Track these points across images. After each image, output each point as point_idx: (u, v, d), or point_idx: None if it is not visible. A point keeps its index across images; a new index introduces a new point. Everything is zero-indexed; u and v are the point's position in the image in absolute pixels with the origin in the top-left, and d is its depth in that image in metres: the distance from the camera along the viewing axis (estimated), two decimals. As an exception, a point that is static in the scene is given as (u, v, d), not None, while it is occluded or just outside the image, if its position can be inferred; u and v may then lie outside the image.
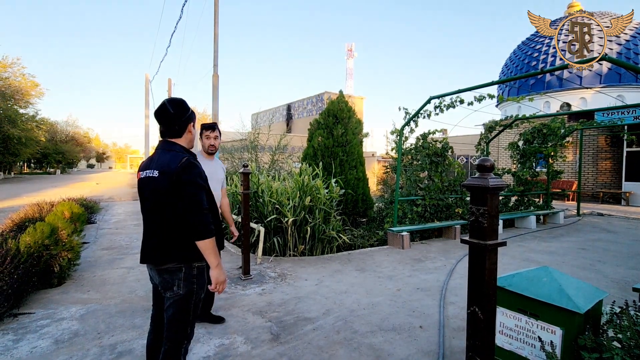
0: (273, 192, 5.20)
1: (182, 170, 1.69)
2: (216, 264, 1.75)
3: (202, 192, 1.72)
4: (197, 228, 1.67)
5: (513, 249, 5.85)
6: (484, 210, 1.39)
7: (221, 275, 1.78)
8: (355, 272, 4.45)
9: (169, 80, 16.62)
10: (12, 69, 25.26)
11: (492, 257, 1.41)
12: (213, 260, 1.74)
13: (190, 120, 1.87)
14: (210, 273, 1.76)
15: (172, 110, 1.79)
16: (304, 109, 21.84)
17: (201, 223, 1.68)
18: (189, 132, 1.87)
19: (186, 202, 1.68)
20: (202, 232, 1.68)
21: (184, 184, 1.68)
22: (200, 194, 1.71)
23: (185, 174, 1.68)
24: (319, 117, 7.99)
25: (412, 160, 6.73)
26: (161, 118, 1.81)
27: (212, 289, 1.77)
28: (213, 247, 1.73)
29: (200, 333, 2.86)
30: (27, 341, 2.74)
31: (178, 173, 1.68)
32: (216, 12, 8.02)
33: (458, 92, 4.98)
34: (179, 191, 1.68)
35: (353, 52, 74.91)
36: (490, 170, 1.42)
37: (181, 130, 1.84)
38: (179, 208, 1.69)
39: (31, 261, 3.71)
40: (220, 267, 1.78)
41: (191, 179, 1.69)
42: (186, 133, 1.86)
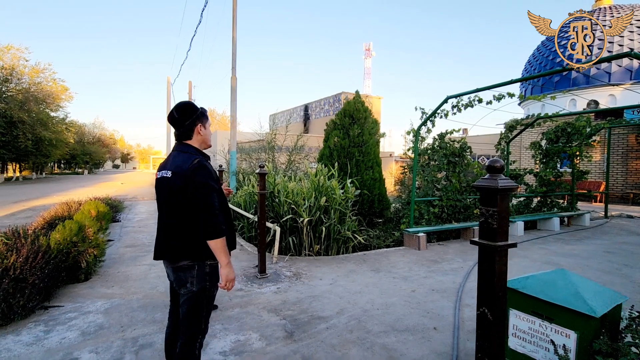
0: (289, 193, 5.27)
1: (193, 171, 1.75)
2: (226, 263, 1.81)
3: (212, 193, 1.78)
4: (208, 228, 1.74)
5: (534, 251, 5.69)
6: (493, 212, 1.39)
7: (231, 274, 1.84)
8: (370, 273, 4.46)
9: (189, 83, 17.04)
10: (44, 74, 26.53)
11: (502, 259, 1.41)
12: (223, 259, 1.80)
13: (198, 122, 1.92)
14: (220, 271, 1.82)
15: (176, 115, 1.87)
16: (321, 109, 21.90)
17: (212, 223, 1.74)
18: (198, 134, 1.93)
19: (197, 203, 1.75)
20: (212, 232, 1.74)
21: (196, 185, 1.75)
22: (211, 195, 1.77)
23: (196, 176, 1.75)
24: (335, 118, 8.01)
25: (429, 160, 6.65)
26: (171, 123, 1.90)
27: (221, 286, 1.84)
28: (223, 247, 1.79)
29: (217, 329, 2.95)
30: (57, 332, 2.90)
31: (190, 174, 1.75)
32: (234, 16, 8.18)
33: (476, 91, 4.90)
34: (191, 192, 1.75)
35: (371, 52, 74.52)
36: (500, 171, 1.41)
37: (189, 133, 1.91)
38: (190, 208, 1.76)
39: (60, 257, 3.93)
40: (230, 266, 1.84)
41: (202, 181, 1.75)
42: (195, 135, 1.92)
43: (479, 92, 4.96)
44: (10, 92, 24.32)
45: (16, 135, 23.42)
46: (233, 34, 8.19)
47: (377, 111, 21.56)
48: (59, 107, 28.49)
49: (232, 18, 8.17)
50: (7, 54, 24.16)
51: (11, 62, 24.29)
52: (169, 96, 17.57)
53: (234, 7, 8.20)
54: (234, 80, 8.33)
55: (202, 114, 1.98)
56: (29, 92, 24.77)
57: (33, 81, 25.59)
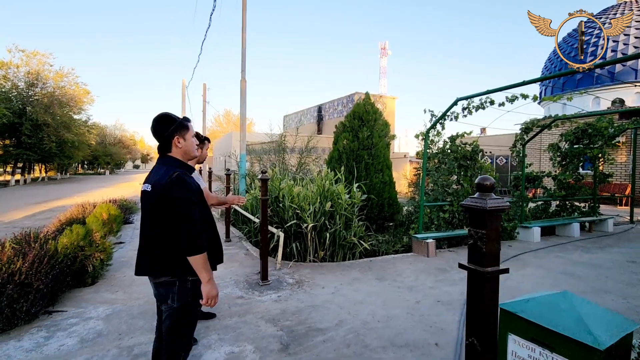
0: (294, 197, 5.21)
1: (171, 185, 1.71)
2: (207, 279, 1.76)
3: (192, 207, 1.73)
4: (187, 244, 1.69)
5: (550, 260, 5.43)
6: (482, 234, 1.28)
7: (212, 290, 1.78)
8: (375, 281, 4.34)
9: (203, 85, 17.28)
10: (68, 78, 27.49)
11: (491, 286, 1.29)
12: (204, 275, 1.75)
13: (175, 133, 1.86)
14: (202, 288, 1.77)
15: (154, 127, 1.83)
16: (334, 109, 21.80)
17: (191, 239, 1.69)
18: (176, 146, 1.88)
19: (176, 218, 1.70)
20: (192, 248, 1.69)
21: (174, 200, 1.70)
22: (190, 210, 1.71)
23: (174, 190, 1.70)
24: (345, 120, 7.91)
25: (439, 164, 6.46)
26: (152, 134, 1.86)
27: (203, 303, 1.79)
28: (204, 263, 1.74)
29: (212, 339, 2.91)
30: (57, 339, 2.93)
31: (167, 188, 1.70)
32: (244, 19, 8.19)
33: (487, 92, 4.71)
34: (170, 206, 1.70)
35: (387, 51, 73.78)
36: (490, 189, 1.30)
37: (167, 145, 1.86)
38: (170, 223, 1.72)
39: (66, 261, 3.99)
40: (212, 282, 1.79)
41: (180, 195, 1.70)
42: (174, 147, 1.88)
43: (490, 93, 4.77)
44: (36, 96, 25.32)
45: (41, 137, 24.35)
46: (243, 37, 8.21)
47: (391, 111, 21.28)
48: (82, 110, 29.48)
49: (242, 21, 8.19)
50: (33, 59, 25.15)
51: (37, 67, 25.29)
52: (184, 98, 17.88)
53: (244, 10, 8.21)
54: (243, 83, 8.34)
55: (181, 125, 1.91)
56: (54, 96, 25.71)
57: (57, 85, 26.56)
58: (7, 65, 24.46)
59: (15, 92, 24.71)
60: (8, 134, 24.36)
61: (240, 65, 8.28)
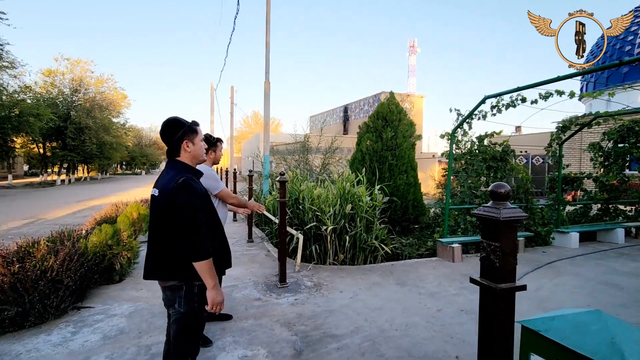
0: (314, 199, 5.17)
1: (177, 190, 1.70)
2: (212, 285, 1.75)
3: (197, 213, 1.72)
4: (192, 249, 1.68)
5: (589, 268, 5.04)
6: (495, 247, 1.17)
7: (218, 297, 1.77)
8: (395, 286, 4.21)
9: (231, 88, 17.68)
10: (107, 84, 29.13)
11: (505, 304, 1.18)
12: (210, 281, 1.74)
13: (184, 138, 1.86)
14: (207, 294, 1.76)
15: (162, 132, 1.83)
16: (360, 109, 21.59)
17: (196, 244, 1.68)
18: (185, 150, 1.88)
19: (182, 224, 1.69)
20: (197, 253, 1.69)
21: (180, 205, 1.69)
22: (196, 215, 1.70)
23: (180, 196, 1.70)
24: (368, 120, 7.78)
25: (466, 165, 6.18)
26: (161, 139, 1.87)
27: (209, 309, 1.77)
28: (209, 269, 1.73)
29: (227, 341, 2.92)
30: (82, 334, 3.06)
31: (174, 193, 1.70)
32: (267, 22, 8.26)
33: (517, 90, 4.43)
34: (176, 211, 1.70)
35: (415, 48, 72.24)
36: (505, 198, 1.18)
37: (176, 149, 1.86)
38: (176, 228, 1.72)
39: (95, 259, 4.18)
40: (217, 288, 1.77)
41: (185, 201, 1.70)
42: (182, 151, 1.87)
43: (521, 90, 4.49)
44: (79, 101, 27.01)
45: (83, 139, 25.93)
46: (266, 40, 8.28)
47: (418, 110, 20.78)
48: (119, 114, 31.12)
49: (265, 24, 8.26)
50: (77, 67, 26.85)
51: (80, 74, 26.97)
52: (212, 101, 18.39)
53: (267, 14, 8.28)
54: (267, 85, 8.42)
55: (190, 129, 1.91)
56: (94, 101, 27.33)
57: (98, 90, 28.20)
58: (54, 73, 26.28)
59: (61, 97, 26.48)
60: (55, 137, 26.15)
61: (264, 67, 8.36)
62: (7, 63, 16.79)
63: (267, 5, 8.28)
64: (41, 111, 19.70)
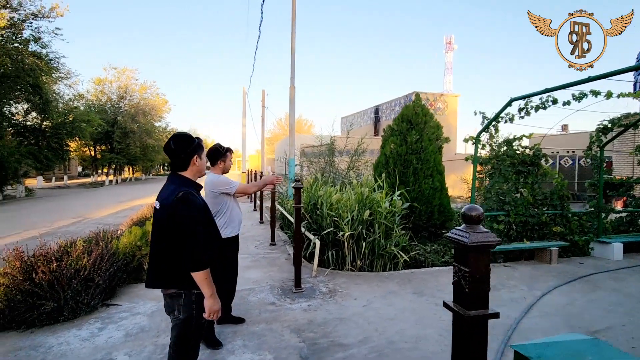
0: (333, 205, 5.18)
1: (177, 204, 1.80)
2: (210, 294, 1.82)
3: (197, 226, 1.80)
4: (190, 260, 1.77)
5: (631, 283, 4.62)
6: (465, 272, 1.13)
7: (215, 305, 1.84)
8: (412, 296, 4.12)
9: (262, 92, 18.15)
10: (150, 90, 30.99)
11: (475, 331, 1.13)
12: (207, 290, 1.82)
13: (194, 153, 1.97)
14: (204, 302, 1.84)
15: (173, 146, 1.92)
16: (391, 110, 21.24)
17: (194, 256, 1.76)
18: (194, 165, 1.98)
19: (181, 235, 1.78)
20: (194, 264, 1.77)
21: (180, 218, 1.79)
22: (194, 228, 1.79)
23: (179, 209, 1.79)
24: (392, 123, 7.66)
25: (493, 170, 5.89)
26: (167, 153, 1.96)
27: (206, 317, 1.85)
28: (206, 278, 1.80)
29: (237, 345, 3.02)
30: (108, 331, 3.29)
31: (174, 206, 1.80)
32: (293, 29, 8.39)
33: (545, 91, 4.17)
34: (176, 224, 1.80)
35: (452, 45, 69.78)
36: (477, 222, 1.14)
37: (185, 164, 1.96)
38: (175, 239, 1.81)
39: (125, 260, 4.47)
40: (215, 297, 1.84)
41: (185, 214, 1.79)
42: (191, 166, 1.97)
43: (550, 92, 4.22)
44: (125, 107, 28.95)
45: (128, 143, 27.77)
46: (292, 46, 8.41)
47: (453, 110, 20.06)
48: (161, 118, 32.95)
49: (291, 30, 8.39)
50: (123, 75, 28.81)
51: (126, 81, 28.91)
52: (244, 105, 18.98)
53: (293, 20, 8.41)
54: (292, 89, 8.55)
55: (199, 146, 2.02)
56: (138, 106, 29.16)
57: (141, 96, 30.08)
58: (103, 82, 28.39)
59: (109, 104, 28.55)
60: (104, 141, 28.24)
61: (290, 72, 8.50)
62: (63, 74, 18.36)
63: (292, 12, 8.41)
64: (91, 117, 21.36)
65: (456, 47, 70.25)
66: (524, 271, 5.09)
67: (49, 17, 15.61)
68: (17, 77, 14.80)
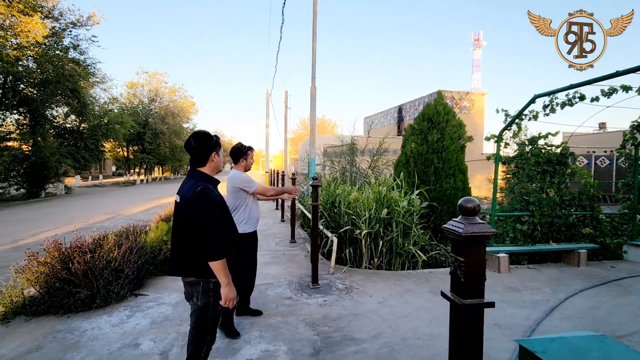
0: (350, 203, 5.23)
1: (195, 198, 1.92)
2: (226, 283, 1.94)
3: (213, 220, 1.92)
4: (208, 251, 1.89)
5: (667, 288, 4.37)
6: (460, 262, 1.16)
7: (230, 293, 1.95)
8: (428, 295, 4.10)
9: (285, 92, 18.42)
10: (179, 92, 32.15)
11: (471, 320, 1.17)
12: (223, 279, 1.93)
13: (213, 150, 2.09)
14: (221, 291, 1.95)
15: (193, 143, 2.05)
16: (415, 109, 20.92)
17: (211, 247, 1.88)
18: (212, 161, 2.11)
19: (199, 228, 1.91)
20: (211, 254, 1.89)
21: (198, 212, 1.91)
22: (211, 221, 1.90)
23: (198, 203, 1.91)
24: (413, 122, 7.59)
25: (517, 169, 5.72)
26: (187, 149, 2.10)
27: (222, 304, 1.96)
28: (223, 268, 1.92)
29: (253, 335, 3.14)
30: (135, 318, 3.51)
31: (192, 200, 1.92)
32: (314, 30, 8.49)
33: (570, 87, 4.03)
34: (194, 217, 1.92)
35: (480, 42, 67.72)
36: (472, 213, 1.17)
37: (204, 160, 2.09)
38: (194, 231, 1.93)
39: (152, 253, 4.72)
40: (230, 285, 1.95)
41: (203, 208, 1.90)
42: (209, 162, 2.10)
43: (576, 87, 4.07)
44: (155, 109, 30.19)
45: (158, 143, 28.94)
46: (313, 47, 8.52)
47: (479, 109, 19.51)
48: (189, 119, 34.09)
49: (312, 31, 8.50)
50: (154, 79, 30.05)
51: (156, 85, 30.14)
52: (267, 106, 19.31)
53: (314, 19, 8.51)
54: (313, 89, 8.65)
55: (217, 143, 2.15)
56: (168, 109, 30.33)
57: (170, 99, 31.26)
58: (135, 85, 29.73)
59: (141, 106, 29.85)
60: (135, 142, 29.56)
61: (311, 72, 8.61)
62: (99, 79, 19.46)
63: (313, 14, 8.52)
64: (124, 119, 22.46)
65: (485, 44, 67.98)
66: (548, 273, 4.92)
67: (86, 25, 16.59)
68: (58, 83, 15.83)
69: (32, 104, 16.11)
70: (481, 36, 67.65)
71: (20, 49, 13.35)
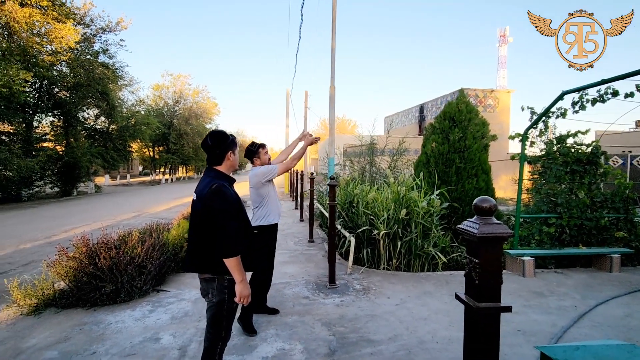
0: (369, 203, 5.18)
1: (211, 196, 1.95)
2: (240, 280, 1.96)
3: (228, 218, 1.94)
4: (223, 248, 1.91)
5: None
6: (475, 264, 1.12)
7: (245, 290, 1.97)
8: (447, 297, 3.99)
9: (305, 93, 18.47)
10: (202, 94, 32.93)
11: (486, 324, 1.12)
12: (238, 276, 1.95)
13: (229, 149, 2.12)
14: (235, 287, 1.97)
15: (210, 142, 2.09)
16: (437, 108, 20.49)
17: (226, 244, 1.91)
18: (228, 160, 2.13)
19: (215, 225, 1.94)
20: (226, 252, 1.91)
21: (214, 209, 1.94)
22: (226, 218, 1.93)
23: (213, 201, 1.94)
24: (434, 121, 7.44)
25: (544, 169, 5.48)
26: (204, 148, 2.13)
27: (237, 301, 1.99)
28: (237, 265, 1.94)
29: (270, 333, 3.16)
30: (157, 313, 3.61)
31: (208, 198, 1.95)
32: (334, 30, 8.47)
33: (601, 82, 3.82)
34: (209, 215, 1.95)
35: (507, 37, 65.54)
36: (488, 213, 1.12)
37: (220, 159, 2.12)
38: (210, 228, 1.97)
39: (174, 250, 4.85)
40: (245, 282, 1.97)
41: (218, 206, 1.93)
42: (225, 160, 2.13)
43: (608, 82, 3.86)
44: (179, 110, 31.04)
45: (182, 144, 29.74)
46: (332, 46, 8.50)
47: (505, 107, 18.87)
48: (211, 120, 34.85)
49: (332, 31, 8.49)
50: (178, 81, 30.90)
51: (180, 87, 30.99)
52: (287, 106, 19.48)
53: (333, 19, 8.50)
54: (332, 89, 8.64)
55: (233, 142, 2.18)
56: (191, 110, 31.12)
57: (194, 100, 32.06)
58: (161, 87, 30.69)
59: (166, 108, 30.78)
60: (160, 142, 30.51)
61: (330, 72, 8.59)
62: (127, 81, 20.23)
63: (333, 12, 8.50)
64: (150, 120, 23.23)
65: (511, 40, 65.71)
66: (578, 278, 4.69)
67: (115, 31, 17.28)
68: (89, 86, 16.57)
69: (65, 106, 16.94)
70: (507, 32, 65.45)
71: (54, 54, 14.07)
